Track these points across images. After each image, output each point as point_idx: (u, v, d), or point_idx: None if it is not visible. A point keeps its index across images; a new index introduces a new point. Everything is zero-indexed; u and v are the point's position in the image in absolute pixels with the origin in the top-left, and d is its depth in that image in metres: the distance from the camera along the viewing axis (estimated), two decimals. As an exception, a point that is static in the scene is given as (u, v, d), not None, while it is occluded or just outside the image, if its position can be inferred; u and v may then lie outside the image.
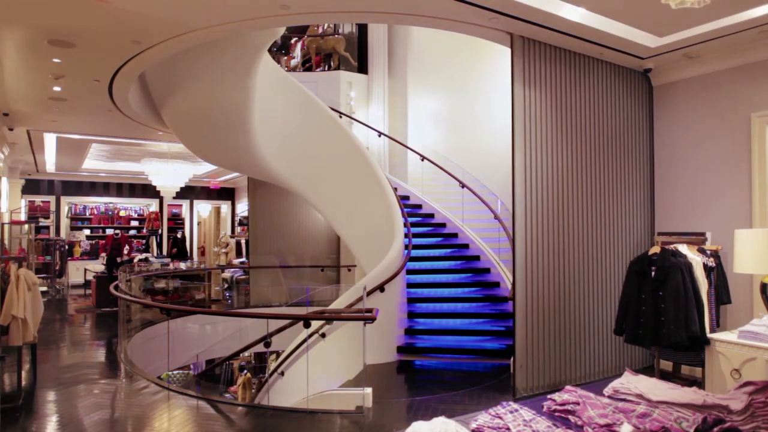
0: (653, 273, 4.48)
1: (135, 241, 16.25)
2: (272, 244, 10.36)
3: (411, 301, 7.43)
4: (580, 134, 5.71)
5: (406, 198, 9.35)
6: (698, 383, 4.50)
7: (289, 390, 5.60)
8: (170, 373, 7.94)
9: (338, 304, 6.26)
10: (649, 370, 5.42)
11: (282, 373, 5.73)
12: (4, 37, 5.37)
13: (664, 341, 4.39)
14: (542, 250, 5.39)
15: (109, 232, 15.22)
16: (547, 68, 5.45)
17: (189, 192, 17.52)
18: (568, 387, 3.27)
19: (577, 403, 2.98)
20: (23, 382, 5.42)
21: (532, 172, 5.31)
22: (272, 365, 6.67)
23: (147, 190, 16.79)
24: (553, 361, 5.43)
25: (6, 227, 10.70)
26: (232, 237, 15.05)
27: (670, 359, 5.38)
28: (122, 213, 17.63)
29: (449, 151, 9.42)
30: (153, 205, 17.85)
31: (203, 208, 18.73)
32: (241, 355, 7.69)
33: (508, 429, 2.72)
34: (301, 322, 5.09)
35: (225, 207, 18.83)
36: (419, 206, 9.29)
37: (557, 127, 5.53)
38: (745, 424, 2.71)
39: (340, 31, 11.35)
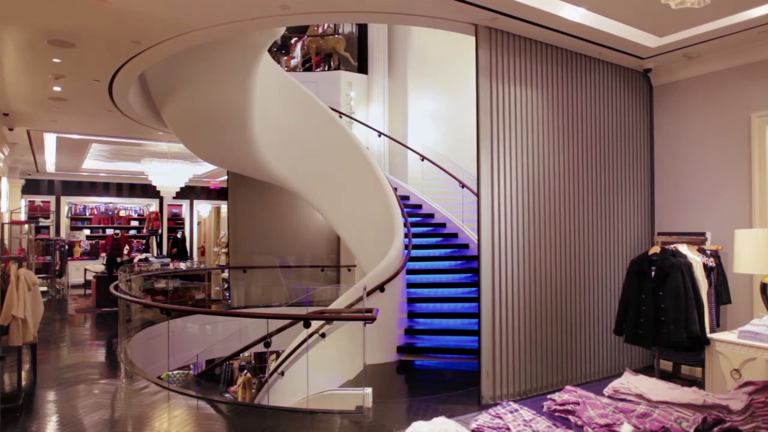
0: (653, 273, 4.48)
1: (135, 241, 16.25)
2: (255, 245, 10.26)
3: (411, 301, 7.43)
4: (578, 134, 5.69)
5: (406, 198, 9.35)
6: (698, 383, 4.50)
7: (289, 390, 5.61)
8: (170, 373, 7.94)
9: (338, 304, 6.26)
10: (649, 370, 5.42)
11: (282, 373, 5.73)
12: (4, 37, 5.37)
13: (664, 341, 4.39)
14: (517, 251, 5.16)
15: (109, 232, 15.20)
16: (540, 67, 5.42)
17: (189, 192, 17.52)
18: (568, 387, 3.27)
19: (577, 403, 2.98)
20: (23, 382, 5.42)
21: (500, 168, 5.07)
22: (272, 365, 6.67)
23: (147, 190, 16.79)
24: (531, 366, 5.19)
25: (6, 227, 10.70)
26: (232, 237, 15.02)
27: (670, 359, 5.38)
28: (122, 213, 17.63)
29: (449, 151, 9.42)
30: (153, 205, 17.85)
31: (203, 208, 18.71)
32: (241, 355, 7.69)
33: (508, 429, 2.72)
34: (301, 322, 5.10)
35: (225, 207, 18.80)
36: (419, 206, 9.29)
37: (552, 126, 5.51)
38: (745, 424, 2.71)
39: (340, 31, 11.35)
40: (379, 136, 10.05)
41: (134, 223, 17.64)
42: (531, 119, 5.34)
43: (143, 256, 13.10)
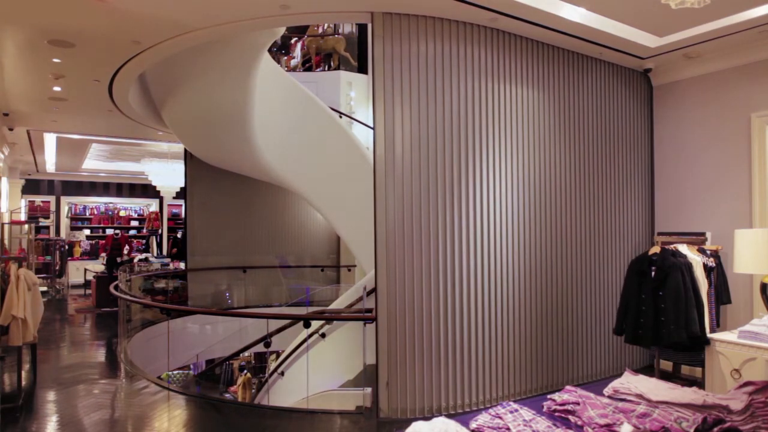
0: (653, 273, 4.48)
1: (135, 241, 16.25)
2: (215, 245, 10.03)
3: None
4: (577, 133, 5.69)
5: (406, 198, 9.32)
6: (698, 383, 4.50)
7: (289, 390, 5.61)
8: (170, 373, 7.94)
9: (338, 304, 6.27)
10: (649, 370, 5.42)
11: (282, 373, 5.74)
12: (4, 37, 5.37)
13: (664, 341, 4.39)
14: (509, 251, 5.11)
15: (109, 232, 15.20)
16: (538, 67, 5.41)
17: (189, 192, 17.49)
18: (568, 387, 3.27)
19: (577, 403, 2.98)
20: (23, 382, 5.42)
21: (480, 166, 4.80)
22: (272, 365, 6.67)
23: (147, 190, 16.78)
24: (520, 367, 5.01)
25: (6, 227, 10.70)
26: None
27: (670, 359, 5.38)
28: (122, 213, 17.63)
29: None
30: (153, 205, 17.85)
31: (203, 208, 18.69)
32: (241, 355, 7.70)
33: (508, 429, 2.72)
34: (301, 322, 5.10)
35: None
36: (419, 206, 9.25)
37: (553, 126, 5.51)
38: (745, 424, 2.71)
39: (340, 31, 11.34)
40: (379, 136, 10.03)
41: (134, 223, 17.64)
42: (515, 115, 5.24)
43: (143, 256, 13.09)
